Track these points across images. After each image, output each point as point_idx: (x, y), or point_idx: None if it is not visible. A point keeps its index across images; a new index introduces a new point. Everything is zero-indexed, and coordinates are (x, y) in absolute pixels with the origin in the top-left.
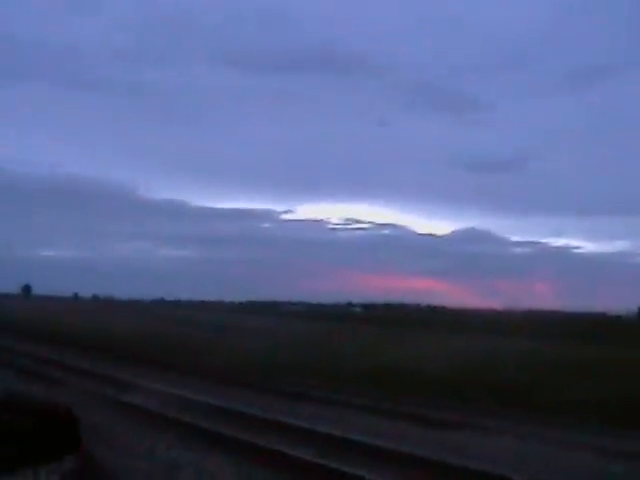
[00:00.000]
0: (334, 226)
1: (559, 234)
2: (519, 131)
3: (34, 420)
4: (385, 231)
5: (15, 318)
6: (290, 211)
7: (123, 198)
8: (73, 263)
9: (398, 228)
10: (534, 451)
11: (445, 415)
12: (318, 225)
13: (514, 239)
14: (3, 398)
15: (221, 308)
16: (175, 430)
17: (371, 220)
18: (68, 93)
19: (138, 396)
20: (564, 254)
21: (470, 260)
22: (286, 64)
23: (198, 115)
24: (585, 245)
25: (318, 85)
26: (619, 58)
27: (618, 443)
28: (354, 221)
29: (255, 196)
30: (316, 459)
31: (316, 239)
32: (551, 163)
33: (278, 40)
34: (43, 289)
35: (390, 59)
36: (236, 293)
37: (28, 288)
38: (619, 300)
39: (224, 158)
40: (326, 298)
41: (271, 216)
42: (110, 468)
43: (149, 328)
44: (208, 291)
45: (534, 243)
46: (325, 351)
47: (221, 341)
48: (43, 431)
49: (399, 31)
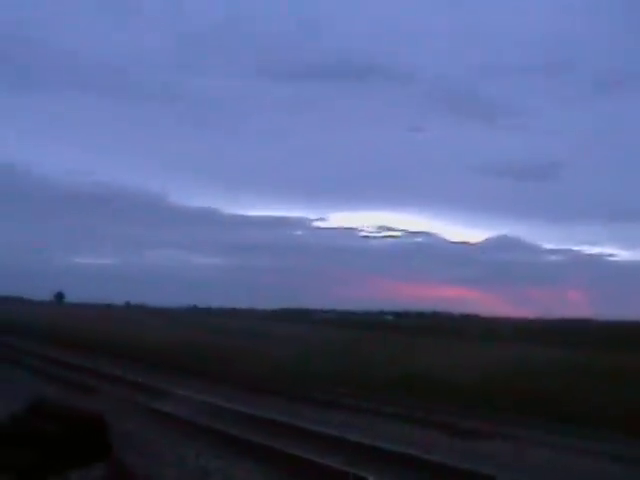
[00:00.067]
0: (366, 234)
1: (594, 242)
2: (552, 137)
3: (65, 426)
4: (417, 239)
5: (47, 325)
6: (322, 219)
7: (156, 206)
8: (106, 270)
9: (430, 236)
10: (566, 462)
11: (476, 424)
12: (350, 233)
13: (547, 247)
14: (35, 404)
15: (253, 316)
16: (205, 437)
17: (403, 228)
18: (101, 100)
19: (170, 403)
20: (598, 262)
21: (503, 268)
22: (317, 72)
23: (230, 123)
24: (619, 253)
25: (350, 93)
26: None
27: None
28: (386, 229)
29: (287, 204)
30: (345, 467)
31: (348, 247)
32: (584, 169)
33: (309, 49)
34: (76, 296)
35: (421, 65)
36: (268, 301)
37: (61, 295)
38: None
39: (256, 166)
40: (358, 306)
41: (303, 224)
42: (140, 475)
43: (181, 336)
44: (240, 299)
45: (568, 251)
46: (356, 359)
47: (252, 349)
48: (74, 437)
49: (430, 37)
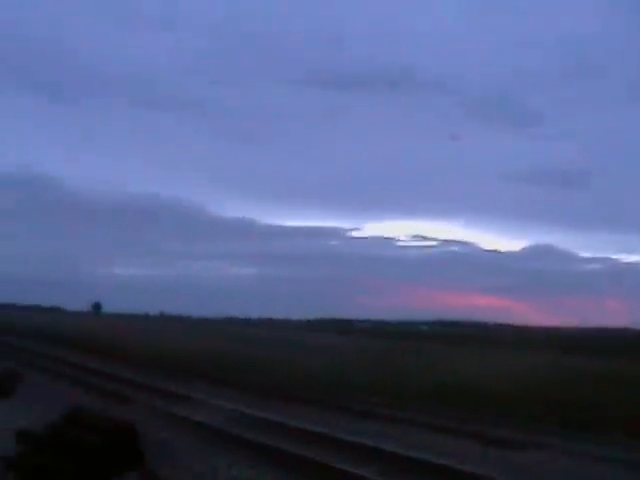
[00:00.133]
0: (402, 243)
1: (630, 251)
2: (587, 144)
3: (99, 436)
4: (453, 248)
5: (85, 335)
6: (358, 228)
7: (193, 217)
8: (143, 281)
9: (466, 245)
10: (601, 474)
11: (509, 434)
12: (386, 242)
13: (584, 255)
14: (70, 414)
15: (289, 326)
16: (237, 447)
17: (438, 237)
18: (135, 111)
19: (203, 413)
20: (635, 270)
21: (539, 277)
22: (349, 82)
23: (266, 134)
24: None
25: (382, 103)
26: None
27: None
28: (421, 238)
29: (323, 214)
30: (379, 478)
31: (384, 256)
32: (620, 176)
33: (342, 58)
34: (114, 307)
35: (453, 74)
36: (304, 311)
37: (98, 306)
38: None
39: (292, 176)
40: (393, 315)
41: (339, 234)
42: None
43: (216, 346)
44: (276, 309)
45: (604, 259)
46: (390, 369)
47: (287, 359)
48: (108, 447)
49: (463, 46)
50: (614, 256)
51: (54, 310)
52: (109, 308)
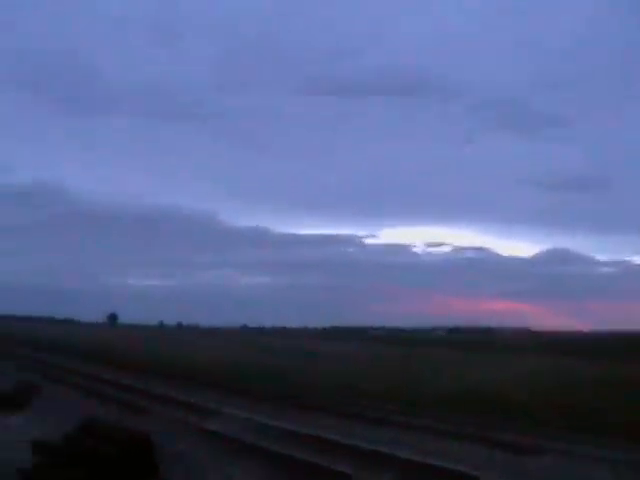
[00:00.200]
0: (417, 250)
1: None
2: (601, 149)
3: (114, 446)
4: (469, 254)
5: (100, 347)
6: (373, 236)
7: (206, 226)
8: (158, 291)
9: (482, 250)
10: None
11: (525, 440)
12: (401, 249)
13: (600, 259)
14: (85, 424)
15: (304, 334)
16: (252, 456)
17: (454, 243)
18: (150, 124)
19: (218, 422)
20: None
21: (556, 281)
22: (364, 89)
23: (279, 143)
24: None
25: (397, 109)
26: None
27: None
28: (437, 244)
29: (337, 221)
30: None
31: (399, 263)
32: (635, 180)
33: (356, 65)
34: (129, 317)
35: (468, 80)
36: (319, 319)
37: (114, 317)
38: None
39: (306, 184)
40: (410, 322)
41: (354, 241)
42: None
43: (231, 355)
44: (291, 317)
45: (620, 262)
46: (405, 375)
47: (302, 367)
48: (123, 457)
49: (478, 52)
50: (630, 258)
51: (70, 322)
52: (124, 319)
